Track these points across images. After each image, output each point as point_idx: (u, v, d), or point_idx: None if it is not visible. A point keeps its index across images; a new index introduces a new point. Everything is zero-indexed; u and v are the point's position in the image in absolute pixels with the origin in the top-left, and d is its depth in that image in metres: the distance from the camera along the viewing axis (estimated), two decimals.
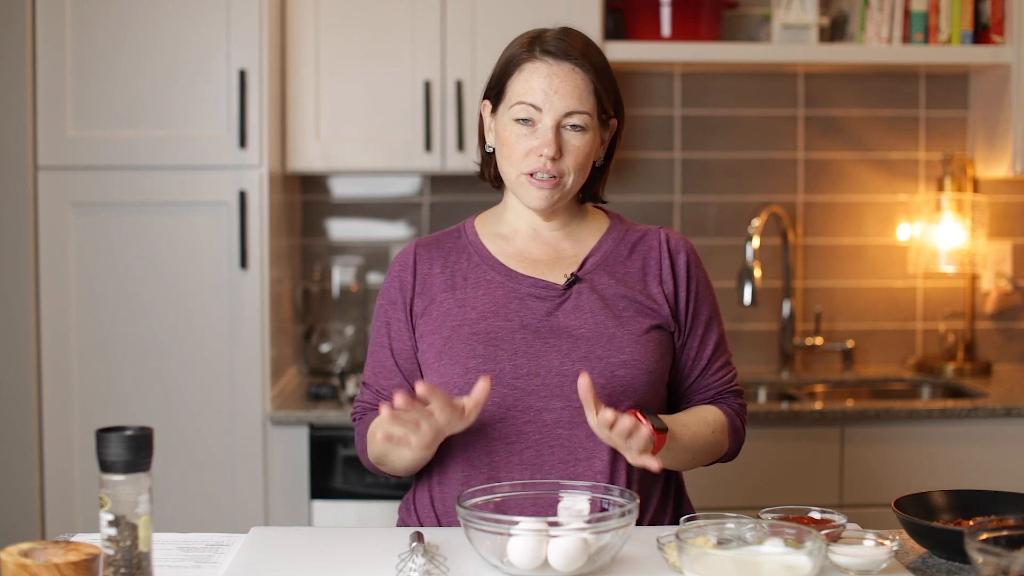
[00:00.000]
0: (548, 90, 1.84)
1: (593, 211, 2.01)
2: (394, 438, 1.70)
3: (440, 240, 1.98)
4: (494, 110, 1.92)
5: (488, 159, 1.97)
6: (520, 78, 1.86)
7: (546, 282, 1.88)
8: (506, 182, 1.91)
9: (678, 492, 1.96)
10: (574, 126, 1.85)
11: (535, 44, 1.87)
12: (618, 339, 1.83)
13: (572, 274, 1.89)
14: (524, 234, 1.95)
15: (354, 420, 1.99)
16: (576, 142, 1.86)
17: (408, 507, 1.95)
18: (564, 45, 1.86)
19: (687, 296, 1.92)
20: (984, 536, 1.42)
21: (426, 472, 1.91)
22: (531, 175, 1.85)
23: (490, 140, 1.94)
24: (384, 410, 1.65)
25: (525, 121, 1.85)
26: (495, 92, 1.91)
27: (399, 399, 1.64)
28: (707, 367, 1.94)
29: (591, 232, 1.96)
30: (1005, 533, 1.45)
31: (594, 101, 1.87)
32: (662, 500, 1.90)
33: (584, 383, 1.66)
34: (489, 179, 1.98)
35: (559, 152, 1.84)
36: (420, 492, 1.93)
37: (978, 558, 1.37)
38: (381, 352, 1.94)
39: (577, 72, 1.86)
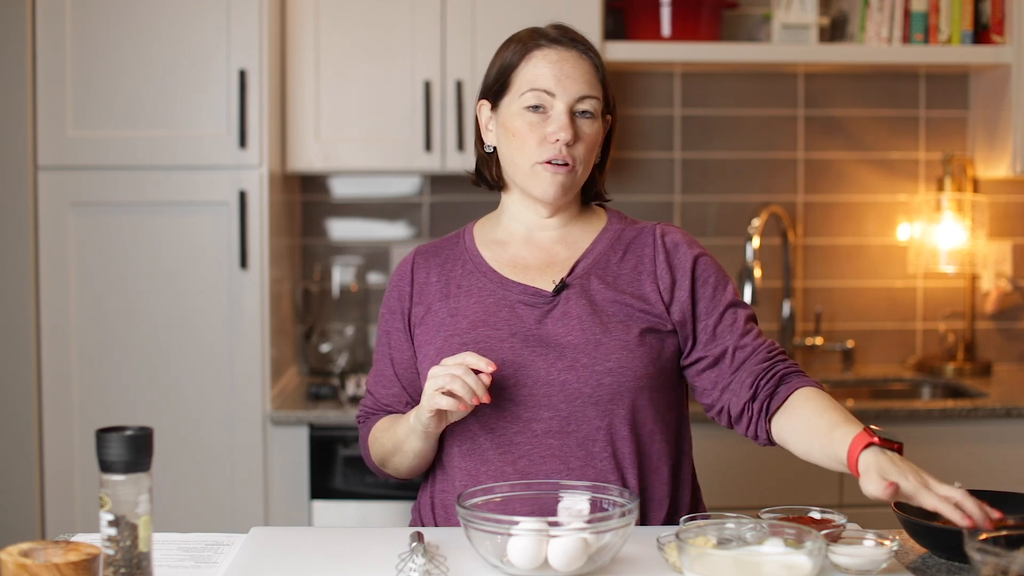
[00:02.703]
0: (559, 75, 1.83)
1: (593, 210, 1.98)
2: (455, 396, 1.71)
3: (440, 247, 1.97)
4: (495, 107, 1.90)
5: (487, 160, 1.94)
6: (529, 66, 1.84)
7: (535, 289, 1.86)
8: (515, 177, 1.88)
9: (689, 501, 1.90)
10: (584, 112, 1.84)
11: (538, 35, 1.87)
12: (605, 346, 1.80)
13: (561, 280, 1.87)
14: (520, 238, 1.93)
15: (358, 423, 2.02)
16: (587, 129, 1.85)
17: (416, 510, 1.97)
18: (569, 33, 1.87)
19: (692, 287, 1.86)
20: (983, 536, 1.42)
21: (430, 475, 1.92)
22: (546, 163, 1.83)
23: (489, 140, 1.92)
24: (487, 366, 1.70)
25: (536, 108, 1.83)
26: (497, 88, 1.89)
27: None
28: (739, 347, 1.84)
29: (586, 234, 1.93)
30: (1004, 533, 1.45)
31: (601, 88, 1.87)
32: (669, 510, 1.86)
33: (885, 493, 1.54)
34: (490, 180, 1.94)
35: (574, 137, 1.83)
36: (424, 497, 1.94)
37: (977, 558, 1.37)
38: (382, 361, 1.97)
39: (585, 58, 1.86)
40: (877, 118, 3.60)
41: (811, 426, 1.73)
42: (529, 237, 1.93)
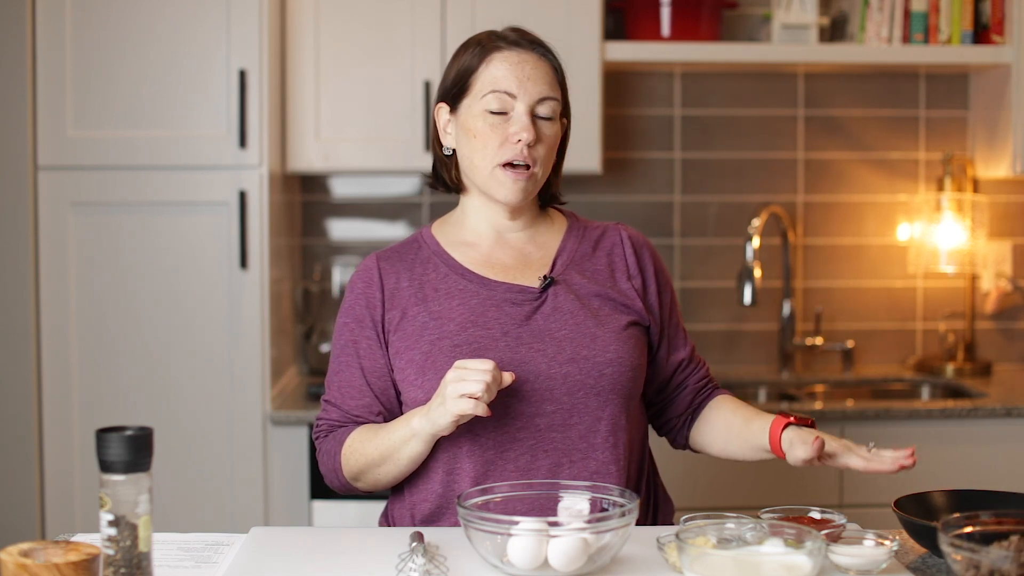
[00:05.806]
0: (521, 76, 1.83)
1: (549, 212, 1.99)
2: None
3: (401, 252, 1.93)
4: (453, 110, 1.88)
5: (446, 162, 1.92)
6: (490, 68, 1.84)
7: (521, 286, 1.86)
8: (475, 180, 1.87)
9: (655, 491, 1.96)
10: (544, 115, 1.85)
11: (496, 38, 1.88)
12: (601, 338, 1.83)
13: (547, 276, 1.87)
14: (489, 239, 1.92)
15: (317, 439, 1.93)
16: (547, 131, 1.85)
17: (388, 521, 1.93)
18: (527, 36, 1.88)
19: (658, 291, 1.94)
20: (957, 532, 1.43)
21: (406, 485, 1.88)
22: (506, 165, 1.83)
23: (448, 142, 1.90)
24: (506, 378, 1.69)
25: (498, 112, 1.83)
26: (456, 90, 1.87)
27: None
28: (691, 359, 1.99)
29: (552, 233, 1.95)
30: (979, 529, 1.45)
31: (560, 91, 1.88)
32: (644, 501, 1.91)
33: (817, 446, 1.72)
34: (449, 182, 1.92)
35: (536, 138, 1.83)
36: (398, 506, 1.90)
37: (951, 552, 1.37)
38: (348, 371, 1.90)
39: (544, 60, 1.87)
40: (877, 118, 3.60)
41: (728, 423, 1.92)
42: (499, 238, 1.92)
